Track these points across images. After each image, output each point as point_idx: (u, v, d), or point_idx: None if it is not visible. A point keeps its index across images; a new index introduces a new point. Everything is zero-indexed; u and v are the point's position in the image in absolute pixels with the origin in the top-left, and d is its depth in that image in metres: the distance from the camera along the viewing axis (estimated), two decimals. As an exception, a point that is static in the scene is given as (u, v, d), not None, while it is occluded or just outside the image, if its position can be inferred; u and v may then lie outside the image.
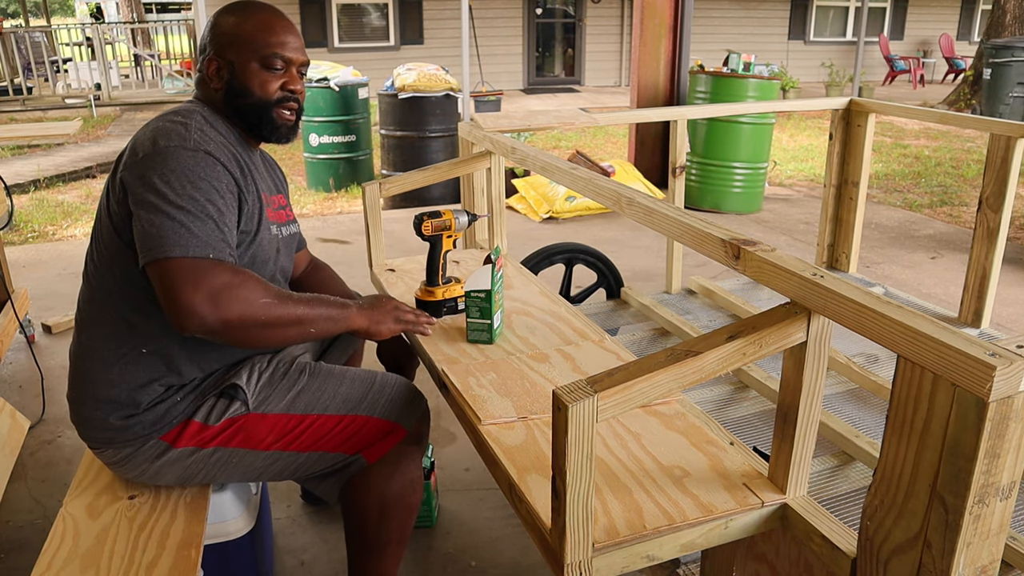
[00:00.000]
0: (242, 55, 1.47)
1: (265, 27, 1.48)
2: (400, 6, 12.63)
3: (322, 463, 1.50)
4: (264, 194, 1.52)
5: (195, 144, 1.36)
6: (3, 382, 2.94)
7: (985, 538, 0.94)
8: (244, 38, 1.47)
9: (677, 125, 2.68)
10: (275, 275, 1.56)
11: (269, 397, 1.46)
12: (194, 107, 1.47)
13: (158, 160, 1.33)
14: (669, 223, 1.37)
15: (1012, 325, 3.46)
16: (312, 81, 5.78)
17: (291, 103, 1.52)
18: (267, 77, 1.48)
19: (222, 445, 1.44)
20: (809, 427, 1.18)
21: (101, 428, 1.43)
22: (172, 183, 1.31)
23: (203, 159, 1.35)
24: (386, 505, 1.51)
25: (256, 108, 1.49)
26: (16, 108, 10.27)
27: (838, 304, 1.02)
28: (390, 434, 1.50)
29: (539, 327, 1.81)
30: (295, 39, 1.51)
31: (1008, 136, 2.34)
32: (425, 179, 2.30)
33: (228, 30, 1.48)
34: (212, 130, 1.43)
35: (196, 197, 1.31)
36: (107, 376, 1.41)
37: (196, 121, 1.41)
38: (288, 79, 1.50)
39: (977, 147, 8.02)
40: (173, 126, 1.38)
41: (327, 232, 4.99)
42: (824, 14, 15.13)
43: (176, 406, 1.42)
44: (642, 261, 4.32)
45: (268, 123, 1.51)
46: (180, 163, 1.33)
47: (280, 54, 1.48)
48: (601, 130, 8.90)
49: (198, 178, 1.33)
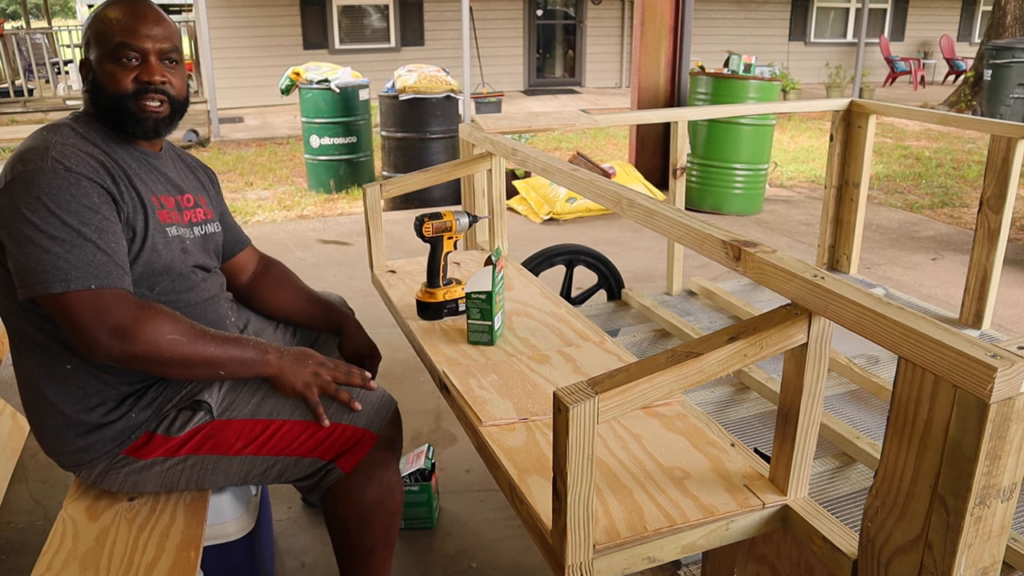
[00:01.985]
0: (97, 52, 1.39)
1: (115, 19, 1.38)
2: (401, 7, 12.64)
3: (300, 468, 1.49)
4: (153, 196, 1.44)
5: (53, 164, 1.29)
6: (3, 383, 2.94)
7: (986, 539, 0.94)
8: (98, 34, 1.39)
9: (678, 126, 2.68)
10: (191, 273, 1.49)
11: (233, 403, 1.45)
12: (66, 120, 1.41)
13: (20, 187, 1.27)
14: (670, 224, 1.37)
15: (1013, 326, 3.45)
16: (313, 83, 5.78)
17: (153, 94, 1.40)
18: (117, 71, 1.38)
19: (192, 453, 1.43)
20: (810, 428, 1.18)
21: (67, 451, 1.41)
22: (39, 211, 1.25)
23: (65, 178, 1.28)
24: (365, 512, 1.50)
25: (112, 105, 1.40)
26: (17, 110, 10.28)
27: (839, 305, 1.02)
28: (361, 440, 1.48)
29: (540, 328, 1.81)
30: (149, 26, 1.39)
31: (1009, 137, 2.34)
32: (426, 180, 2.30)
33: (91, 29, 1.41)
34: (80, 141, 1.36)
35: (68, 222, 1.26)
36: (48, 401, 1.39)
37: (61, 136, 1.35)
38: (142, 71, 1.39)
39: (978, 148, 8.02)
40: (34, 146, 1.32)
41: (328, 234, 4.99)
42: (824, 15, 15.13)
43: (133, 420, 1.40)
44: (643, 262, 4.32)
45: (130, 118, 1.40)
46: (43, 187, 1.26)
47: (128, 43, 1.37)
48: (602, 131, 8.90)
49: (65, 201, 1.27)
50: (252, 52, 11.65)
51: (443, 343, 1.74)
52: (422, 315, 1.87)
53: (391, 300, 2.02)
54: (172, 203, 1.50)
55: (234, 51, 11.40)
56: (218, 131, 8.97)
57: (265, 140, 8.77)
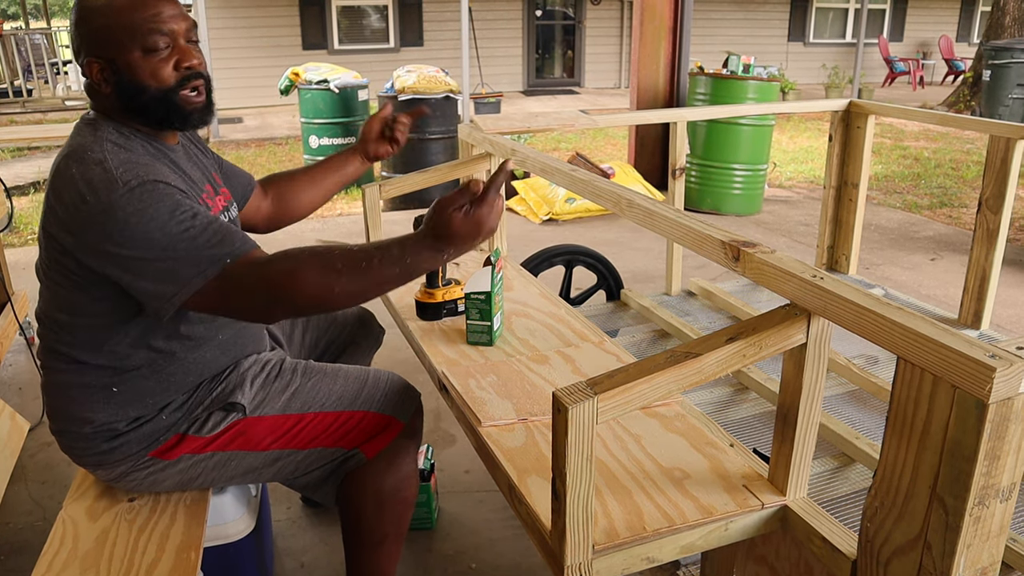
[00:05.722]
0: (119, 47, 1.26)
1: (130, 6, 1.26)
2: (400, 8, 12.64)
3: (322, 459, 1.50)
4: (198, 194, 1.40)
5: (126, 184, 1.19)
6: (3, 384, 2.94)
7: (985, 540, 0.94)
8: (114, 26, 1.26)
9: (677, 127, 2.68)
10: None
11: (265, 400, 1.46)
12: (96, 134, 1.29)
13: (102, 225, 1.18)
14: (669, 225, 1.37)
15: (1012, 327, 3.46)
16: (312, 83, 5.78)
17: (194, 80, 1.32)
18: (155, 62, 1.27)
19: (220, 449, 1.44)
20: (809, 429, 1.18)
21: (90, 453, 1.41)
22: (137, 240, 1.17)
23: (140, 193, 1.19)
24: (382, 500, 1.50)
25: (157, 102, 1.30)
26: (16, 110, 10.28)
27: (838, 306, 1.03)
28: (387, 428, 1.50)
29: (539, 329, 1.81)
30: (169, 6, 1.29)
31: (1007, 138, 2.34)
32: (425, 181, 2.30)
33: (96, 22, 1.27)
34: (125, 152, 1.27)
35: (168, 231, 1.18)
36: (81, 412, 1.38)
37: (109, 153, 1.24)
38: (179, 55, 1.30)
39: (977, 148, 8.03)
40: (92, 173, 1.21)
41: (327, 234, 4.99)
42: (823, 16, 15.14)
43: (162, 423, 1.40)
44: (642, 263, 4.32)
45: (176, 112, 1.32)
46: (129, 214, 1.17)
47: (157, 27, 1.27)
48: (601, 132, 8.90)
49: (154, 212, 1.18)
50: (251, 52, 11.65)
51: (442, 344, 1.74)
52: (421, 315, 1.88)
53: (390, 300, 2.02)
54: (210, 191, 1.48)
55: (233, 51, 11.40)
56: (217, 131, 8.96)
57: (264, 140, 8.76)
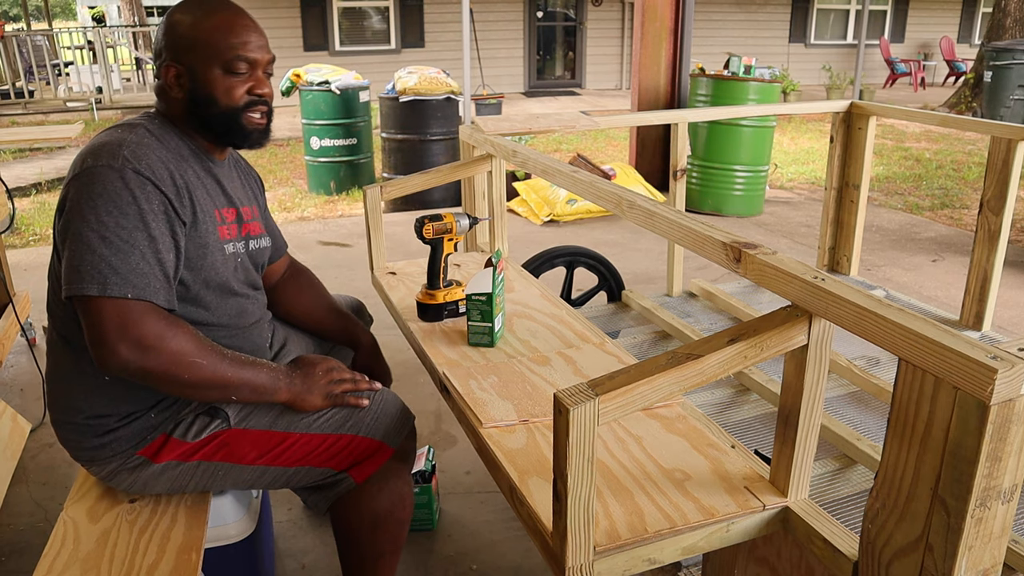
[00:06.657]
0: (202, 60, 1.37)
1: (225, 27, 1.37)
2: (401, 9, 12.65)
3: (310, 476, 1.49)
4: (216, 211, 1.44)
5: (123, 163, 1.27)
6: (4, 385, 2.94)
7: (987, 541, 0.94)
8: (203, 41, 1.37)
9: (678, 128, 2.68)
10: (244, 293, 1.51)
11: (251, 413, 1.44)
12: (141, 120, 1.39)
13: (85, 182, 1.26)
14: (670, 226, 1.37)
15: (1014, 328, 3.45)
16: (313, 84, 5.79)
17: (260, 106, 1.43)
18: (232, 83, 1.39)
19: (205, 459, 1.43)
20: (810, 430, 1.18)
21: (83, 447, 1.42)
22: (98, 209, 1.24)
23: (131, 179, 1.27)
24: (376, 521, 1.50)
25: (223, 117, 1.40)
26: (18, 111, 10.30)
27: (839, 307, 1.02)
28: (377, 452, 1.48)
29: (540, 330, 1.81)
30: (258, 37, 1.41)
31: (1009, 139, 2.34)
32: (426, 182, 2.30)
33: (185, 32, 1.38)
34: (155, 143, 1.35)
35: (123, 225, 1.24)
36: (76, 399, 1.40)
37: (136, 135, 1.33)
38: (254, 82, 1.41)
39: (978, 150, 8.02)
40: (109, 142, 1.30)
41: (328, 235, 4.99)
42: (825, 17, 15.14)
43: (150, 422, 1.41)
44: (643, 264, 4.32)
45: (238, 131, 1.43)
46: (106, 186, 1.25)
47: (243, 56, 1.38)
48: (602, 133, 8.90)
49: (126, 203, 1.25)
50: (252, 54, 11.65)
51: (443, 345, 1.74)
52: (422, 317, 1.88)
53: (391, 302, 2.02)
54: (233, 216, 1.49)
55: (234, 53, 11.41)
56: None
57: (265, 142, 8.76)
